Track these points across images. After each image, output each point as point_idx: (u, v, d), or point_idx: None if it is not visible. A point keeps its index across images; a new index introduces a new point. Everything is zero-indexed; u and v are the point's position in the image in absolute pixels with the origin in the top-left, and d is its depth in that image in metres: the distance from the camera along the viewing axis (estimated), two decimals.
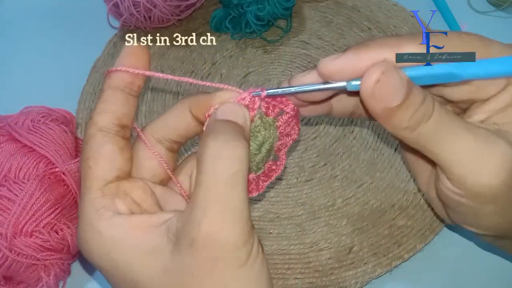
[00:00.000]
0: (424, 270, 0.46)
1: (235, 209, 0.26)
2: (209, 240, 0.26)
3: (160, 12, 0.57)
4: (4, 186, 0.43)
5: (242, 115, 0.29)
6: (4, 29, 0.64)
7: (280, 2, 0.57)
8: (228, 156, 0.27)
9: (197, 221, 0.26)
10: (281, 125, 0.33)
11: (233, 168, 0.27)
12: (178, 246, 0.26)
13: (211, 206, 0.26)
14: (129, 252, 0.27)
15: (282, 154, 0.35)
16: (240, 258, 0.26)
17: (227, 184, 0.26)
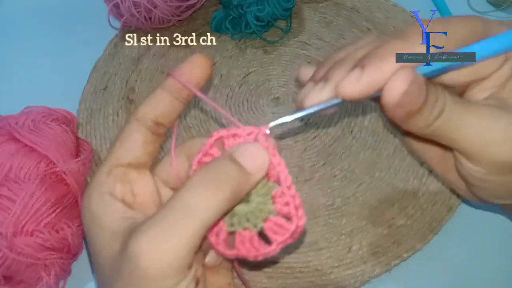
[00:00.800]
0: (423, 269, 0.46)
1: (173, 242, 0.27)
2: (133, 256, 0.27)
3: (160, 12, 0.58)
4: (5, 186, 0.43)
5: (260, 162, 0.30)
6: (4, 29, 0.64)
7: (280, 3, 0.57)
8: (200, 195, 0.27)
9: (137, 234, 0.27)
10: (277, 197, 0.30)
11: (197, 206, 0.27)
12: (124, 239, 0.28)
13: (155, 228, 0.27)
14: (97, 228, 0.30)
15: (275, 240, 0.30)
16: (157, 285, 0.27)
17: (181, 218, 0.27)
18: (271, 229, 0.30)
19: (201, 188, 0.28)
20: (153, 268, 0.26)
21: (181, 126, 0.55)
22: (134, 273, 0.27)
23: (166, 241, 0.27)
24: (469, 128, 0.31)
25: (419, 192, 0.49)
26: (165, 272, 0.27)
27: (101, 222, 0.30)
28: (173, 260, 0.27)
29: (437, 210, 0.47)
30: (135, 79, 0.58)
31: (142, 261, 0.26)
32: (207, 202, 0.27)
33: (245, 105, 0.56)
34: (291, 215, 0.30)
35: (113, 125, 0.55)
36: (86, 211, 0.31)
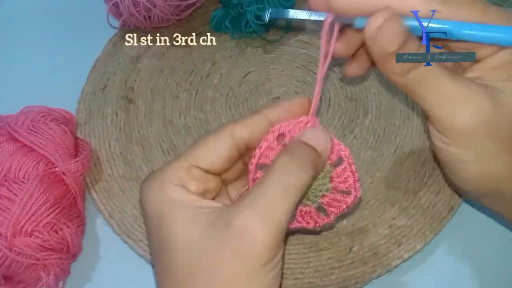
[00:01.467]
0: (424, 270, 0.46)
1: (276, 216, 0.29)
2: (243, 230, 0.28)
3: (160, 12, 0.57)
4: (4, 186, 0.43)
5: (324, 142, 0.33)
6: (4, 29, 0.64)
7: (280, 2, 0.57)
8: (293, 174, 0.30)
9: (240, 209, 0.29)
10: (335, 177, 0.35)
11: (294, 183, 0.30)
12: (214, 224, 0.29)
13: (258, 204, 0.29)
14: (174, 215, 0.31)
15: (332, 212, 0.35)
16: (262, 258, 0.28)
17: (280, 193, 0.30)
18: (328, 204, 0.35)
19: (293, 168, 0.30)
20: (262, 240, 0.28)
21: (180, 126, 0.54)
22: (240, 248, 0.28)
23: (271, 215, 0.29)
24: (441, 89, 0.32)
25: (420, 193, 0.48)
26: (270, 244, 0.28)
27: (180, 208, 0.31)
28: (277, 232, 0.29)
29: (438, 211, 0.47)
30: (134, 78, 0.58)
31: (253, 234, 0.28)
32: (299, 180, 0.30)
33: (245, 105, 0.56)
34: (351, 188, 0.35)
35: (112, 125, 0.55)
36: (161, 198, 0.31)
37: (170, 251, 0.30)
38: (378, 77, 0.55)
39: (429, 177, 0.49)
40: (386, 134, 0.52)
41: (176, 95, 0.57)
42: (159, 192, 0.31)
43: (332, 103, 0.55)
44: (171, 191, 0.31)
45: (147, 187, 0.32)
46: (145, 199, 0.32)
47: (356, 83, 0.55)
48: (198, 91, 0.57)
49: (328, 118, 0.54)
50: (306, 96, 0.34)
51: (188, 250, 0.29)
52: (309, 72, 0.57)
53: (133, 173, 0.51)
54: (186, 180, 0.32)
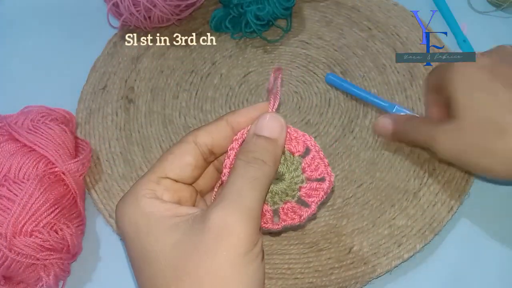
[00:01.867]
0: (424, 270, 0.46)
1: (248, 204, 0.30)
2: (219, 223, 0.29)
3: (160, 11, 0.57)
4: (4, 186, 0.43)
5: (277, 127, 0.34)
6: (4, 29, 0.64)
7: (280, 2, 0.57)
8: (253, 168, 0.31)
9: (213, 206, 0.30)
10: (306, 167, 0.35)
11: (257, 174, 0.31)
12: (192, 226, 0.30)
13: (228, 197, 0.30)
14: (151, 226, 0.31)
15: (312, 202, 0.35)
16: (242, 247, 0.29)
17: (248, 183, 0.31)
18: (306, 194, 0.35)
19: (250, 165, 0.31)
20: (239, 229, 0.29)
21: (180, 126, 0.54)
22: (219, 241, 0.29)
23: (243, 203, 0.30)
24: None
25: (420, 193, 0.48)
26: (247, 232, 0.29)
27: (156, 219, 0.31)
28: (252, 220, 0.30)
29: (438, 211, 0.47)
30: (134, 78, 0.58)
31: (229, 225, 0.29)
32: (261, 171, 0.32)
33: (245, 105, 0.56)
34: (323, 174, 0.35)
35: (112, 125, 0.55)
36: (135, 213, 0.32)
37: (152, 262, 0.30)
38: (377, 78, 0.55)
39: (429, 177, 0.49)
40: None
41: (176, 95, 0.57)
42: (133, 208, 0.32)
43: (332, 103, 0.55)
44: (145, 204, 0.32)
45: (121, 206, 0.33)
46: (120, 218, 0.32)
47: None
48: (198, 91, 0.57)
49: (328, 118, 0.54)
50: (265, 102, 0.35)
51: (170, 255, 0.30)
52: (309, 72, 0.57)
53: (133, 173, 0.51)
54: (159, 191, 0.32)
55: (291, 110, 0.55)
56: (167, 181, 0.33)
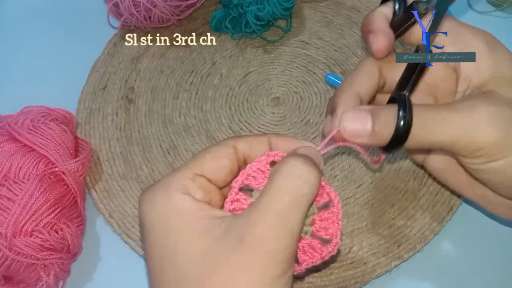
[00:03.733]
0: (424, 270, 0.46)
1: (290, 227, 0.28)
2: (258, 243, 0.27)
3: (160, 12, 0.57)
4: (4, 186, 0.43)
5: (318, 157, 0.32)
6: (4, 29, 0.64)
7: (280, 2, 0.57)
8: (302, 177, 0.29)
9: (253, 222, 0.28)
10: (317, 220, 0.32)
11: (302, 190, 0.29)
12: (226, 237, 0.28)
13: (270, 215, 0.28)
14: (183, 225, 0.29)
15: (303, 261, 0.31)
16: (277, 269, 0.28)
17: (291, 201, 0.28)
18: (302, 250, 0.31)
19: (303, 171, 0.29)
20: (278, 251, 0.28)
21: (180, 126, 0.54)
22: (255, 259, 0.27)
23: (286, 225, 0.28)
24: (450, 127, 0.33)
25: (420, 193, 0.48)
26: (285, 255, 0.28)
27: (189, 218, 0.29)
28: (292, 243, 0.28)
29: (438, 211, 0.47)
30: (134, 78, 0.58)
31: (269, 244, 0.27)
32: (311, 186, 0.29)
33: (245, 105, 0.56)
34: (331, 236, 0.31)
35: (112, 125, 0.55)
36: (167, 207, 0.30)
37: (178, 266, 0.29)
38: None
39: (429, 177, 0.49)
40: None
41: (176, 95, 0.57)
42: (164, 201, 0.30)
43: None
44: (178, 199, 0.30)
45: (148, 196, 0.31)
46: (147, 209, 0.30)
47: None
48: (198, 91, 0.57)
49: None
50: (316, 146, 0.33)
51: (199, 262, 0.28)
52: (309, 72, 0.57)
53: (133, 173, 0.51)
54: (192, 188, 0.31)
55: (291, 110, 0.55)
56: (202, 179, 0.31)
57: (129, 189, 0.50)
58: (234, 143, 0.32)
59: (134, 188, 0.50)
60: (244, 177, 0.31)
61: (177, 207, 0.29)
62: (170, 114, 0.55)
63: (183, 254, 0.28)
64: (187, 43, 0.60)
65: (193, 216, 0.29)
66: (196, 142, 0.53)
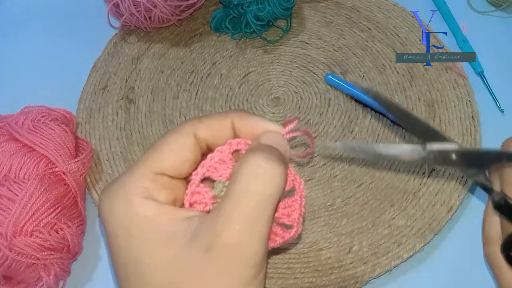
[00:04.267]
0: (423, 270, 0.46)
1: (258, 230, 0.27)
2: (227, 251, 0.26)
3: (160, 12, 0.57)
4: (4, 186, 0.43)
5: (284, 145, 0.30)
6: (4, 29, 0.64)
7: (280, 2, 0.57)
8: (266, 177, 0.27)
9: (219, 229, 0.26)
10: (281, 207, 0.31)
11: (267, 190, 0.27)
12: (193, 244, 0.27)
13: (236, 221, 0.26)
14: (146, 233, 0.27)
15: None
16: (249, 276, 0.27)
17: (257, 205, 0.27)
18: None
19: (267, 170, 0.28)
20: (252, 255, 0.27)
21: None
22: (229, 266, 0.26)
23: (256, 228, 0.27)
24: None
25: (419, 193, 0.49)
26: (259, 257, 0.27)
27: (152, 226, 0.27)
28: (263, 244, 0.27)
29: (437, 211, 0.47)
30: (134, 78, 0.58)
31: (242, 250, 0.26)
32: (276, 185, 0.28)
33: (245, 105, 0.56)
34: (293, 223, 0.30)
35: (112, 125, 0.55)
36: (127, 215, 0.28)
37: (144, 276, 0.27)
38: (377, 78, 0.55)
39: (428, 177, 0.49)
40: (386, 134, 0.52)
41: (177, 95, 0.57)
42: (124, 208, 0.28)
43: (332, 103, 0.55)
44: (139, 206, 0.28)
45: (107, 202, 0.29)
46: (108, 215, 0.28)
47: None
48: (198, 91, 0.57)
49: (328, 118, 0.54)
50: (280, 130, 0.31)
51: (166, 272, 0.27)
52: (309, 73, 0.57)
53: None
54: (155, 190, 0.29)
55: (291, 110, 0.55)
56: (164, 178, 0.29)
57: None
58: (194, 131, 0.30)
59: None
60: (205, 169, 0.29)
61: (139, 214, 0.28)
62: (170, 114, 0.55)
63: (148, 264, 0.27)
64: (187, 43, 0.60)
65: (156, 223, 0.27)
66: None
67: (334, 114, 0.54)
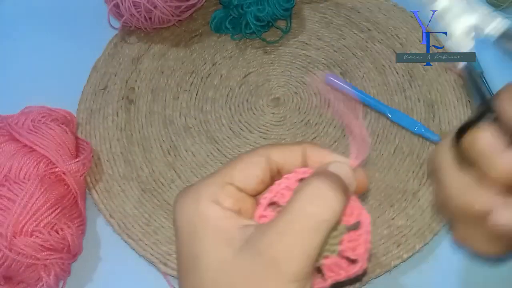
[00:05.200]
0: (423, 270, 0.46)
1: (307, 251, 0.28)
2: (273, 263, 0.28)
3: (160, 12, 0.58)
4: (5, 186, 0.43)
5: (350, 177, 0.31)
6: (4, 29, 0.64)
7: (280, 3, 0.57)
8: (324, 202, 0.29)
9: (270, 241, 0.28)
10: (346, 240, 0.31)
11: (324, 215, 0.28)
12: (247, 248, 0.29)
13: (288, 237, 0.28)
14: (208, 232, 0.30)
15: (329, 277, 0.31)
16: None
17: (310, 227, 0.28)
18: (328, 267, 0.31)
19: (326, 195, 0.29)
20: (291, 273, 0.28)
21: (180, 126, 0.55)
22: (269, 278, 0.28)
23: (302, 249, 0.28)
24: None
25: (419, 193, 0.49)
26: (298, 276, 0.28)
27: (214, 226, 0.30)
28: (307, 265, 0.28)
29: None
30: (135, 79, 0.58)
31: (283, 266, 0.28)
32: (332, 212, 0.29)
33: (245, 105, 0.56)
34: (359, 257, 0.31)
35: (112, 125, 0.55)
36: (194, 213, 0.30)
37: (199, 270, 0.29)
38: (377, 78, 0.55)
39: (428, 178, 0.49)
40: (385, 134, 0.52)
41: (177, 95, 0.57)
42: (193, 207, 0.31)
43: (332, 103, 0.55)
44: (206, 206, 0.30)
45: (180, 201, 0.32)
46: (178, 214, 0.31)
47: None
48: (199, 91, 0.57)
49: (327, 119, 0.54)
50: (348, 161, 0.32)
51: (218, 271, 0.29)
52: (309, 73, 0.57)
53: (133, 173, 0.52)
54: (221, 196, 0.31)
55: (291, 110, 0.55)
56: (231, 187, 0.31)
57: (130, 189, 0.51)
58: (267, 153, 0.32)
59: (135, 188, 0.51)
60: (273, 194, 0.31)
61: (205, 214, 0.30)
62: (171, 115, 0.55)
63: (205, 261, 0.29)
64: (187, 43, 0.60)
65: (218, 225, 0.30)
66: (197, 142, 0.53)
67: (334, 115, 0.54)
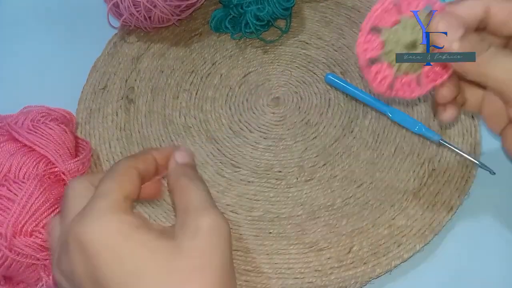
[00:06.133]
0: (424, 270, 0.46)
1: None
2: (213, 228, 0.31)
3: (160, 12, 0.57)
4: (4, 186, 0.43)
5: (191, 155, 0.38)
6: (4, 29, 0.64)
7: (280, 2, 0.57)
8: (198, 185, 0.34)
9: (197, 215, 0.32)
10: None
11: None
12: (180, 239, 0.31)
13: (208, 204, 0.33)
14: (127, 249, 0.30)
15: (426, 83, 0.37)
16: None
17: None
18: (426, 75, 0.37)
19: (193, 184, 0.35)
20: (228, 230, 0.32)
21: (180, 126, 0.54)
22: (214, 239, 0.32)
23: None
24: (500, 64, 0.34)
25: (420, 193, 0.48)
26: None
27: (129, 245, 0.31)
28: None
29: (438, 211, 0.47)
30: (134, 78, 0.58)
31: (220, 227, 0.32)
32: None
33: (245, 105, 0.56)
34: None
35: (112, 125, 0.55)
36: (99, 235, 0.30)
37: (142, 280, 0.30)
38: None
39: (429, 177, 0.49)
40: (386, 134, 0.52)
41: (176, 95, 0.57)
42: (104, 227, 0.31)
43: (332, 103, 0.55)
44: (117, 224, 0.31)
45: (88, 228, 0.31)
46: (82, 234, 0.30)
47: None
48: (198, 91, 0.57)
49: (328, 118, 0.54)
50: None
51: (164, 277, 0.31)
52: (309, 72, 0.57)
53: None
54: (129, 211, 0.32)
55: (291, 110, 0.55)
56: (129, 201, 0.33)
57: None
58: (136, 167, 0.35)
59: None
60: (372, 19, 0.34)
61: (119, 229, 0.31)
62: (170, 114, 0.55)
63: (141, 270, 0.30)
64: (187, 43, 0.60)
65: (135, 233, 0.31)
66: (196, 142, 0.53)
67: (334, 114, 0.54)
